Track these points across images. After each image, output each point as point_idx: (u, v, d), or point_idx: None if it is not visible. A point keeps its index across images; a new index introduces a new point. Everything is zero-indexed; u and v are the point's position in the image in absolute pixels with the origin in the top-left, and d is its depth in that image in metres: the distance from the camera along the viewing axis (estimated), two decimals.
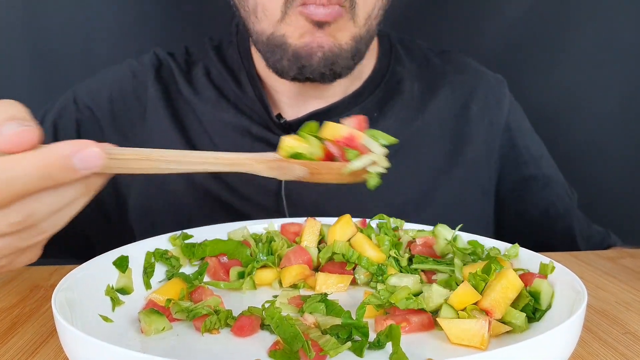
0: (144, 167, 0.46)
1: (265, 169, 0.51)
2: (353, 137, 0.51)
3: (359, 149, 0.51)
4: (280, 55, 0.74)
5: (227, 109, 0.85)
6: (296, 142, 0.51)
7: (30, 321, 0.56)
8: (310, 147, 0.51)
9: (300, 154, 0.51)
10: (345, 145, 0.51)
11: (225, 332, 0.50)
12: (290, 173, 0.51)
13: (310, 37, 0.72)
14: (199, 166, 0.48)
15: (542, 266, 0.54)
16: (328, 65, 0.74)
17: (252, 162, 0.51)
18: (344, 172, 0.51)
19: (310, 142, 0.51)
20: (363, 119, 0.54)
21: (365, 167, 0.51)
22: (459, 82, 0.90)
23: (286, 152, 0.51)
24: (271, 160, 0.51)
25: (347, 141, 0.51)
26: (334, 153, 0.51)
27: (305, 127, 0.53)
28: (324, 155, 0.52)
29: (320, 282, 0.60)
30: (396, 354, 0.44)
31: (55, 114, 0.87)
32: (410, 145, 0.85)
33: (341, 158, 0.51)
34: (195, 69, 0.90)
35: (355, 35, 0.74)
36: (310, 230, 0.65)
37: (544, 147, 0.96)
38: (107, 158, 0.44)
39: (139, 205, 0.86)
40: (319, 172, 0.51)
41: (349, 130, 0.51)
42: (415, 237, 0.64)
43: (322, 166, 0.51)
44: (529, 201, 0.92)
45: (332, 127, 0.52)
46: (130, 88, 0.88)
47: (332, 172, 0.52)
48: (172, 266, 0.61)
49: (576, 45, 1.15)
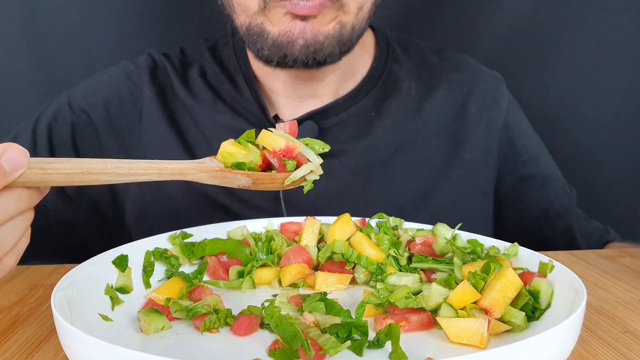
0: (85, 179, 0.46)
1: (208, 177, 0.52)
2: (290, 148, 0.54)
3: (297, 159, 0.54)
4: (262, 44, 0.73)
5: (224, 111, 0.84)
6: (235, 149, 0.53)
7: (29, 320, 0.56)
8: (250, 154, 0.53)
9: (242, 164, 0.52)
10: (283, 156, 0.54)
11: (224, 331, 0.50)
12: (234, 182, 0.52)
13: (290, 25, 0.70)
14: (141, 177, 0.48)
15: (542, 265, 0.54)
16: (310, 53, 0.72)
17: (194, 171, 0.51)
18: (286, 183, 0.53)
19: (249, 150, 0.53)
20: (294, 123, 0.56)
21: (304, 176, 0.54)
22: (456, 81, 0.90)
23: (225, 157, 0.52)
24: (215, 170, 0.52)
25: (285, 152, 0.54)
26: (273, 163, 0.54)
27: (244, 135, 0.55)
28: (262, 162, 0.54)
29: (320, 281, 0.60)
30: (396, 353, 0.44)
31: (50, 118, 0.85)
32: (408, 145, 0.85)
33: (280, 167, 0.54)
34: (191, 71, 0.89)
35: (343, 23, 0.72)
36: (309, 230, 0.65)
37: (542, 145, 0.96)
38: (43, 172, 0.44)
39: (136, 209, 0.86)
40: (262, 182, 0.53)
41: (285, 142, 0.54)
42: (415, 236, 0.64)
43: (265, 177, 0.53)
44: (528, 200, 0.92)
45: (270, 137, 0.54)
46: (126, 90, 0.87)
47: (274, 182, 0.54)
48: (172, 265, 0.61)
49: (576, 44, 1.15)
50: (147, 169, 0.48)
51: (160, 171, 0.49)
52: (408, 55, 0.91)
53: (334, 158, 0.82)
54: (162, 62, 0.89)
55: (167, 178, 0.50)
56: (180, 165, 0.50)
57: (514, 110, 0.94)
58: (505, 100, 0.92)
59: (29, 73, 1.12)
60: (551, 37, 1.15)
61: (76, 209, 0.86)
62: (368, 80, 0.86)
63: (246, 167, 0.52)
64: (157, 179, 0.49)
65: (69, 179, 0.45)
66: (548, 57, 1.16)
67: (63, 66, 1.12)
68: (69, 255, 0.86)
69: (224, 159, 0.52)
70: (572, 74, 1.16)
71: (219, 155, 0.53)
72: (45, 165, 0.44)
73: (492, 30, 1.16)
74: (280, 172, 0.53)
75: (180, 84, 0.87)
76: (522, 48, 1.16)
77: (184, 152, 0.83)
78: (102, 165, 0.46)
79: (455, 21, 1.16)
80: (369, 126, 0.84)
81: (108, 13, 1.11)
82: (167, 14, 1.13)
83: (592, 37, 1.14)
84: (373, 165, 0.83)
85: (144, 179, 0.48)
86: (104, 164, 0.46)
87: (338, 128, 0.83)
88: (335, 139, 0.83)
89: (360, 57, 0.85)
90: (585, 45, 1.15)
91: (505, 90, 0.93)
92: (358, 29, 0.75)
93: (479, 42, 1.15)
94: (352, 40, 0.75)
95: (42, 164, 0.44)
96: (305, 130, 0.81)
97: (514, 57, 1.15)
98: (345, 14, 0.72)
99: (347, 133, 0.84)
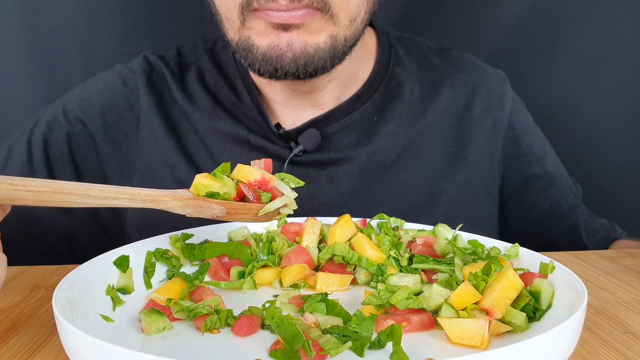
0: (55, 199, 0.45)
1: (180, 205, 0.52)
2: (265, 180, 0.55)
3: (272, 192, 0.55)
4: (252, 58, 0.71)
5: (224, 118, 0.82)
6: (210, 181, 0.53)
7: (30, 321, 0.56)
8: (225, 186, 0.53)
9: (216, 194, 0.53)
10: (258, 188, 0.55)
11: (225, 331, 0.50)
12: (208, 211, 0.53)
13: (277, 38, 0.68)
14: (113, 201, 0.48)
15: (542, 266, 0.54)
16: (300, 65, 0.70)
17: (167, 199, 0.51)
18: (260, 213, 0.54)
19: (224, 182, 0.53)
20: (270, 162, 0.57)
21: (277, 209, 0.55)
22: (460, 82, 0.88)
23: (199, 189, 0.53)
24: (189, 199, 0.52)
25: (260, 184, 0.55)
26: (247, 195, 0.54)
27: (219, 168, 0.55)
28: (236, 195, 0.54)
29: (321, 282, 0.60)
30: (397, 354, 0.44)
31: (45, 128, 0.83)
32: (411, 149, 0.83)
33: (254, 199, 0.54)
34: (189, 74, 0.86)
35: (334, 35, 0.70)
36: (310, 230, 0.65)
37: (547, 143, 0.94)
38: (12, 188, 0.43)
39: (136, 219, 0.84)
40: (236, 212, 0.54)
41: (261, 174, 0.55)
42: (416, 237, 0.64)
43: (240, 207, 0.54)
44: (534, 200, 0.90)
45: (245, 170, 0.55)
46: (122, 96, 0.85)
47: (249, 213, 0.54)
48: (173, 266, 0.62)
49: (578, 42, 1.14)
50: (120, 194, 0.48)
51: (132, 197, 0.49)
52: (410, 56, 0.89)
53: (337, 165, 0.81)
54: (158, 65, 0.87)
55: (139, 205, 0.49)
56: (153, 193, 0.50)
57: (518, 109, 0.92)
58: (510, 100, 0.90)
59: (29, 73, 1.12)
60: (553, 35, 1.15)
61: (75, 219, 0.85)
62: (370, 84, 0.84)
63: (220, 198, 0.52)
64: (129, 205, 0.49)
65: (39, 197, 0.44)
66: (550, 55, 1.16)
67: (64, 66, 1.12)
68: None
69: (197, 191, 0.53)
70: (574, 72, 1.16)
71: (193, 187, 0.53)
72: (15, 181, 0.43)
73: (494, 28, 1.16)
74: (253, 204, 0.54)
75: (177, 88, 0.85)
76: (524, 46, 1.16)
77: (184, 160, 0.82)
78: (73, 186, 0.45)
79: (456, 20, 1.16)
80: (372, 131, 0.83)
81: (109, 13, 1.11)
82: (168, 13, 1.13)
83: (595, 34, 1.14)
84: (376, 171, 0.82)
85: (115, 203, 0.48)
86: (76, 185, 0.46)
87: (341, 134, 0.82)
88: (338, 144, 0.82)
89: (362, 60, 0.83)
90: (588, 43, 1.15)
91: (509, 90, 0.91)
92: (351, 40, 0.73)
93: (480, 41, 1.15)
94: (345, 52, 0.73)
95: (11, 179, 0.43)
96: (309, 137, 0.79)
97: (516, 55, 1.15)
98: (336, 26, 0.69)
99: (350, 138, 0.82)
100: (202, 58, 0.87)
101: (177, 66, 0.88)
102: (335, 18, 0.68)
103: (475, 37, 1.15)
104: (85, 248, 0.86)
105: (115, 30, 1.12)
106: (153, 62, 0.87)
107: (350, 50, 0.75)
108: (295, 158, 0.81)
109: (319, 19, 0.68)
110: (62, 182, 0.45)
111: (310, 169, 0.81)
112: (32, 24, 1.10)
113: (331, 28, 0.69)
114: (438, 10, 1.16)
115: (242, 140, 0.82)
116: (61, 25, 1.10)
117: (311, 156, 0.81)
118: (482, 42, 1.15)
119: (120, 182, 0.85)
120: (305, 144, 0.80)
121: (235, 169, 0.55)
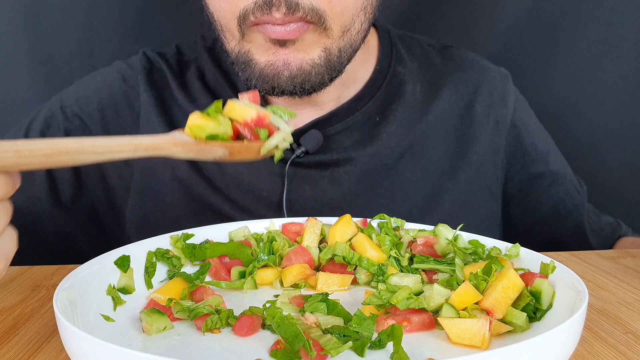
0: (62, 160, 0.44)
1: (182, 151, 0.51)
2: (261, 117, 0.53)
3: (268, 128, 0.54)
4: (249, 73, 0.71)
5: None
6: (204, 121, 0.52)
7: (31, 321, 0.56)
8: (220, 126, 0.52)
9: (216, 135, 0.52)
10: (255, 126, 0.53)
11: (226, 331, 0.50)
12: (209, 154, 0.52)
13: (274, 55, 0.68)
14: (118, 154, 0.47)
15: (543, 266, 0.54)
16: (297, 84, 0.69)
17: (169, 145, 0.50)
18: (263, 151, 0.54)
19: (219, 121, 0.52)
20: (256, 92, 0.56)
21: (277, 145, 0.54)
22: (462, 81, 0.87)
23: (193, 131, 0.51)
24: (191, 144, 0.51)
25: (256, 122, 0.53)
26: (244, 134, 0.53)
27: (212, 106, 0.54)
28: (233, 133, 0.53)
29: (321, 282, 0.60)
30: (397, 354, 0.44)
31: (42, 124, 0.82)
32: (414, 149, 0.83)
33: (252, 137, 0.53)
34: (189, 72, 0.86)
35: (329, 49, 0.70)
36: (311, 230, 0.65)
37: (550, 140, 0.93)
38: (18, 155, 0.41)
39: (135, 219, 0.83)
40: (238, 152, 0.53)
41: (256, 111, 0.53)
42: (416, 237, 0.64)
43: (242, 147, 0.53)
44: (537, 199, 0.90)
45: (239, 107, 0.53)
46: (121, 93, 0.84)
47: (250, 152, 0.53)
48: (174, 266, 0.62)
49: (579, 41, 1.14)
50: (123, 146, 0.47)
51: (135, 147, 0.48)
52: (412, 55, 0.88)
53: (339, 167, 0.81)
54: (158, 62, 0.86)
55: (142, 154, 0.48)
56: (155, 140, 0.49)
57: (521, 107, 0.91)
58: (512, 98, 0.89)
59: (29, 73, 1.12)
60: (554, 35, 1.15)
61: (73, 218, 0.84)
62: (372, 84, 0.83)
63: (220, 139, 0.52)
64: (133, 155, 0.48)
65: (45, 160, 0.43)
66: (551, 55, 1.16)
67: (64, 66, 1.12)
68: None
69: (192, 133, 0.51)
70: (576, 72, 1.16)
71: (187, 129, 0.52)
72: (21, 147, 0.42)
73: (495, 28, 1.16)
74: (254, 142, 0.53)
75: (177, 87, 0.84)
76: (525, 46, 1.16)
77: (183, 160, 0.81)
78: (78, 144, 0.45)
79: (457, 20, 1.16)
80: (374, 131, 0.83)
81: (109, 13, 1.11)
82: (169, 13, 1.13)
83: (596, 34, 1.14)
84: (379, 172, 0.82)
85: (120, 156, 0.47)
86: (80, 143, 0.45)
87: (343, 134, 0.82)
88: (340, 145, 0.81)
89: (362, 59, 0.82)
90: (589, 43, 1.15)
91: (512, 87, 0.90)
92: (347, 51, 0.72)
93: (481, 41, 1.15)
94: (342, 64, 0.73)
95: (17, 146, 0.41)
96: (311, 139, 0.79)
97: (517, 55, 1.15)
98: (328, 38, 0.69)
99: (352, 139, 0.82)
100: (202, 56, 0.87)
101: (177, 64, 0.87)
102: (329, 31, 0.68)
103: (476, 37, 1.16)
104: (83, 248, 0.86)
105: (115, 30, 1.12)
106: (153, 60, 0.87)
107: (348, 61, 0.74)
108: (297, 159, 0.80)
109: (311, 32, 0.67)
110: (67, 142, 0.45)
111: (313, 170, 0.81)
112: (32, 24, 1.10)
113: (324, 41, 0.69)
114: (439, 10, 1.16)
115: None
116: (61, 25, 1.10)
117: (313, 157, 0.81)
118: (483, 42, 1.15)
119: (119, 180, 0.84)
120: (307, 145, 0.79)
121: (227, 106, 0.54)
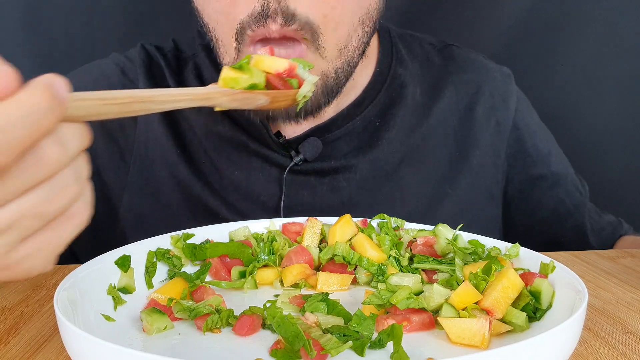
0: (137, 109, 0.44)
1: (229, 100, 0.53)
2: (292, 67, 0.58)
3: (298, 78, 0.58)
4: None
5: (223, 122, 0.80)
6: (237, 74, 0.54)
7: (32, 321, 0.56)
8: (254, 77, 0.54)
9: (254, 85, 0.54)
10: (287, 76, 0.58)
11: (226, 331, 0.50)
12: (252, 102, 0.54)
13: None
14: (179, 104, 0.48)
15: (543, 266, 0.54)
16: (292, 110, 0.68)
17: (219, 95, 0.52)
18: (297, 98, 0.58)
19: (252, 73, 0.55)
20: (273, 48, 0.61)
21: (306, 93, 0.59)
22: (462, 82, 0.86)
23: (227, 83, 0.53)
24: (236, 93, 0.53)
25: (288, 72, 0.58)
26: (276, 84, 0.56)
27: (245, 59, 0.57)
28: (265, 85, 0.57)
29: (322, 282, 0.60)
30: (397, 353, 0.44)
31: None
32: (413, 154, 0.82)
33: (284, 87, 0.57)
34: (186, 69, 0.84)
35: (325, 73, 0.68)
36: (311, 230, 0.65)
37: (552, 140, 0.92)
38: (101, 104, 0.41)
39: (131, 216, 0.82)
40: (277, 100, 0.56)
41: (287, 63, 0.57)
42: (416, 237, 0.64)
43: (281, 94, 0.57)
44: (538, 200, 0.89)
45: (269, 59, 0.57)
46: (120, 86, 0.81)
47: (288, 99, 0.58)
48: (174, 265, 0.62)
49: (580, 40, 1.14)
50: (182, 96, 0.49)
51: (192, 97, 0.50)
52: (412, 56, 0.87)
53: (338, 174, 0.80)
54: (157, 56, 0.85)
55: (197, 104, 0.50)
56: (205, 91, 0.51)
57: (523, 108, 0.90)
58: (514, 99, 0.88)
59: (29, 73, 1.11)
60: (555, 35, 1.15)
61: None
62: (372, 87, 0.82)
63: (257, 89, 0.55)
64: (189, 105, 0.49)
65: (123, 109, 0.43)
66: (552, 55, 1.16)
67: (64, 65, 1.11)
68: None
69: (226, 85, 0.53)
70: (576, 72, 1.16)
71: (221, 81, 0.54)
72: (104, 96, 0.42)
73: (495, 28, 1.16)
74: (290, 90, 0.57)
75: (175, 83, 0.82)
76: (526, 46, 1.16)
77: (182, 160, 0.80)
78: (149, 94, 0.46)
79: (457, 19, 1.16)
80: (374, 137, 0.81)
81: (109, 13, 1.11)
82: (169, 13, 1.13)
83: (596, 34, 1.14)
84: (378, 178, 0.81)
85: (181, 105, 0.49)
86: (150, 92, 0.46)
87: (342, 141, 0.80)
88: (340, 152, 0.80)
89: (362, 65, 0.79)
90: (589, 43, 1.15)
91: (514, 88, 0.89)
92: (345, 70, 0.70)
93: (482, 41, 1.15)
94: (340, 85, 0.71)
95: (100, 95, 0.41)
96: (310, 146, 0.77)
97: (517, 55, 1.15)
98: (323, 59, 0.67)
99: (351, 145, 0.80)
100: (199, 54, 0.85)
101: (174, 60, 0.86)
102: (321, 50, 0.67)
103: (476, 38, 1.16)
104: (74, 247, 0.85)
105: (115, 30, 1.12)
106: (152, 54, 0.85)
107: (346, 81, 0.73)
108: (296, 167, 0.79)
109: (305, 51, 0.66)
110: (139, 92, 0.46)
111: (312, 178, 0.80)
112: (32, 24, 1.10)
113: (318, 63, 0.68)
114: (439, 10, 1.16)
115: (241, 145, 0.80)
116: (61, 25, 1.10)
117: (312, 165, 0.79)
118: (483, 42, 1.15)
119: (114, 176, 0.83)
120: (306, 153, 0.78)
121: (256, 59, 0.57)
